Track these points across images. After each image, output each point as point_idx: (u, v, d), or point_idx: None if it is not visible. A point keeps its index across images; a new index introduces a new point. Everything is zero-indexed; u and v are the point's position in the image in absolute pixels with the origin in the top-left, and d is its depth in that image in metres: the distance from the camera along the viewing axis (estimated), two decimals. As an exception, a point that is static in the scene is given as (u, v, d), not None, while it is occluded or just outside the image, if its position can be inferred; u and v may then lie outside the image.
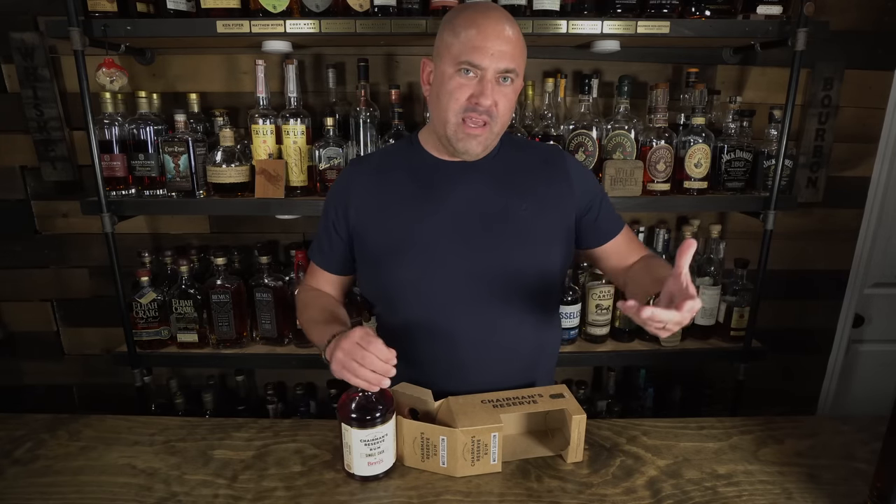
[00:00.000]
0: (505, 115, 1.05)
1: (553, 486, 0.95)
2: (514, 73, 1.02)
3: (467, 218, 1.10)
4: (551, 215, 1.13)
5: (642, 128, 1.66)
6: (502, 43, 0.99)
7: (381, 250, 1.12)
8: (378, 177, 1.15)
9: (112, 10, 1.47)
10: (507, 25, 1.01)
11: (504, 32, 1.00)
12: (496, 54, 0.99)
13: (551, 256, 1.14)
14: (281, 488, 0.95)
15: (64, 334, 2.03)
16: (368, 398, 0.94)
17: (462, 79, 1.01)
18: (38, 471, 1.00)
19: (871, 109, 1.88)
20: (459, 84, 1.01)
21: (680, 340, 1.79)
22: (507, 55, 1.00)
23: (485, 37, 0.99)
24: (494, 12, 1.02)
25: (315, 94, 1.83)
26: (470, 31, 0.99)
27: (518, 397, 1.05)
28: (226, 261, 1.69)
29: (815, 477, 0.99)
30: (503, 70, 1.00)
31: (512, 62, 1.01)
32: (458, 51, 1.00)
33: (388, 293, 1.15)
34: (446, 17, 1.06)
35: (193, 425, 1.13)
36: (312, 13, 1.49)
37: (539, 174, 1.16)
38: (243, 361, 1.76)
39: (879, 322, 2.12)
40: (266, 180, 1.58)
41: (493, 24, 1.00)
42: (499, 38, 0.99)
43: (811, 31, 1.47)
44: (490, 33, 0.99)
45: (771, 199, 1.60)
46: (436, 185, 1.12)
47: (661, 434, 1.11)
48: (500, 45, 0.99)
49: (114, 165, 1.61)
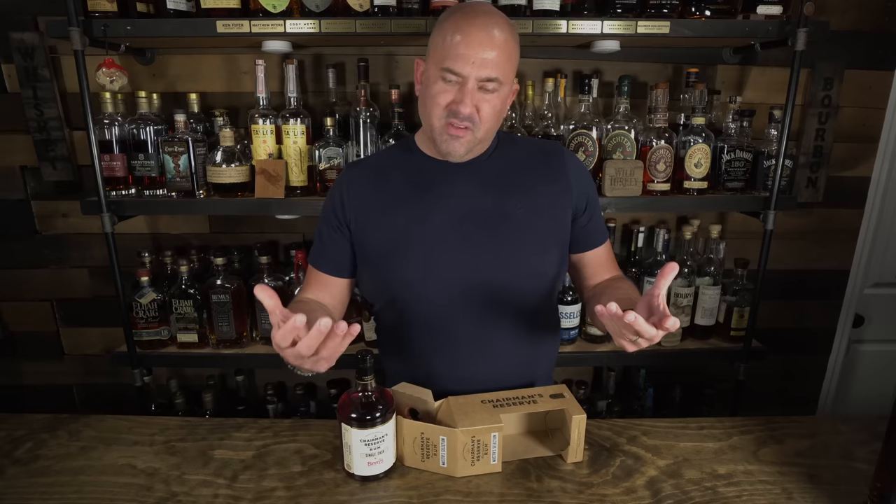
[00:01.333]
0: (490, 121, 1.04)
1: (553, 486, 0.95)
2: (497, 81, 1.00)
3: (465, 217, 1.10)
4: (548, 213, 1.13)
5: (642, 128, 1.66)
6: (486, 51, 0.97)
7: (380, 251, 1.12)
8: (375, 179, 1.15)
9: (112, 10, 1.47)
10: (495, 30, 0.99)
11: (490, 39, 0.98)
12: (478, 62, 0.98)
13: (549, 254, 1.14)
14: (281, 488, 0.95)
15: (64, 334, 2.03)
16: (369, 398, 0.94)
17: (444, 84, 1.01)
18: (38, 471, 1.00)
19: (871, 109, 1.88)
20: (442, 89, 1.01)
21: (680, 340, 1.79)
22: (489, 63, 0.98)
23: (468, 44, 0.97)
24: (483, 18, 0.99)
25: (315, 94, 1.83)
26: (455, 36, 0.98)
27: (518, 397, 1.05)
28: (225, 261, 1.69)
29: (815, 477, 0.99)
30: (484, 79, 0.99)
31: (495, 70, 0.99)
32: (442, 56, 0.99)
33: (388, 293, 1.15)
34: (441, 16, 1.05)
35: (193, 425, 1.13)
36: (312, 13, 1.49)
37: (537, 171, 1.15)
38: (243, 361, 1.76)
39: (879, 322, 2.12)
40: (266, 180, 1.58)
41: (477, 31, 0.98)
42: (482, 45, 0.97)
43: (811, 31, 1.47)
44: (473, 41, 0.97)
45: (771, 199, 1.60)
46: (433, 185, 1.12)
47: (661, 434, 1.11)
48: (484, 52, 0.97)
49: (114, 165, 1.61)
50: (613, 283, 1.17)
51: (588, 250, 1.20)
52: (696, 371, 2.03)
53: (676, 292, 1.75)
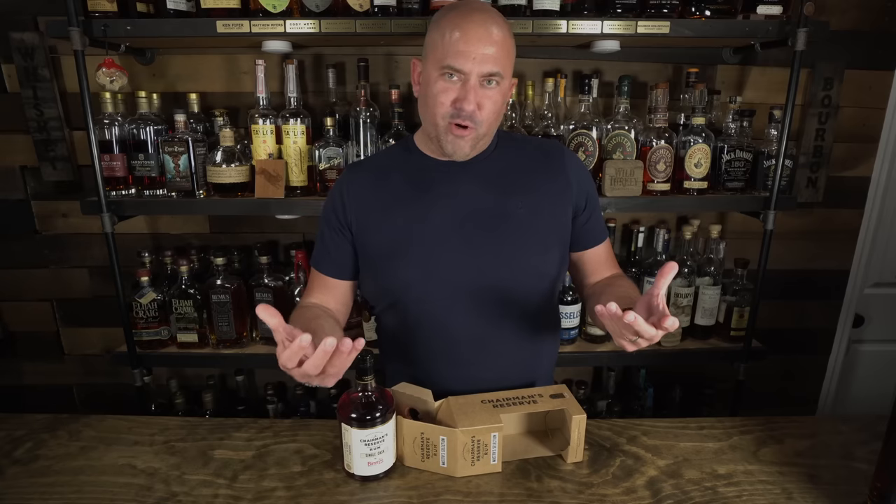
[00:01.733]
0: (491, 117, 1.04)
1: (553, 486, 0.95)
2: (499, 75, 1.01)
3: (466, 217, 1.10)
4: (549, 212, 1.13)
5: (642, 128, 1.66)
6: (486, 46, 0.98)
7: (381, 251, 1.11)
8: (375, 180, 1.15)
9: (112, 10, 1.47)
10: (493, 27, 0.99)
11: (489, 35, 0.98)
12: (479, 58, 0.98)
13: (550, 254, 1.14)
14: (281, 488, 0.95)
15: (64, 334, 2.03)
16: (369, 398, 0.94)
17: (446, 83, 1.01)
18: (38, 471, 1.00)
19: (871, 109, 1.88)
20: (443, 88, 1.01)
21: (680, 340, 1.79)
22: (490, 59, 0.98)
23: (467, 41, 0.97)
24: (479, 14, 1.00)
25: (315, 94, 1.83)
26: (454, 33, 0.98)
27: (518, 397, 1.05)
28: (225, 261, 1.69)
29: (815, 477, 0.99)
30: (486, 74, 0.99)
31: (496, 65, 0.99)
32: (442, 54, 0.99)
33: (389, 293, 1.15)
34: (435, 16, 1.05)
35: (193, 425, 1.13)
36: (312, 13, 1.49)
37: (537, 170, 1.15)
38: (243, 361, 1.76)
39: (879, 322, 2.12)
40: (266, 180, 1.58)
41: (476, 27, 0.98)
42: (481, 41, 0.98)
43: (811, 31, 1.47)
44: (472, 37, 0.98)
45: (771, 199, 1.60)
46: (433, 185, 1.11)
47: (661, 434, 1.11)
48: (484, 48, 0.98)
49: (114, 165, 1.61)
50: (613, 282, 1.16)
51: (588, 248, 1.20)
52: (696, 371, 2.03)
53: (676, 292, 1.75)
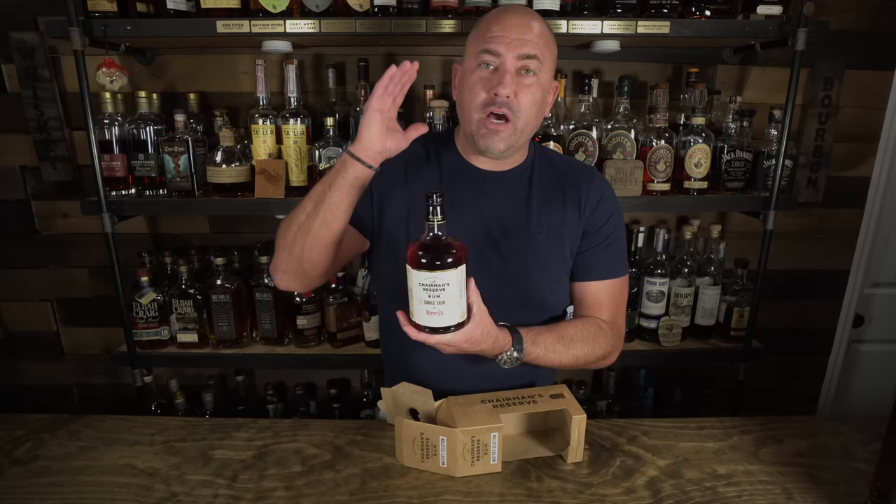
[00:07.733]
0: (528, 110, 1.02)
1: (553, 486, 0.95)
2: (536, 59, 1.00)
3: (483, 231, 1.09)
4: (563, 242, 1.12)
5: (642, 128, 1.66)
6: (523, 32, 0.99)
7: (398, 235, 1.10)
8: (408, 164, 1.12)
9: (112, 10, 1.47)
10: (532, 21, 1.02)
11: (528, 24, 1.00)
12: (514, 42, 0.99)
13: (560, 284, 1.14)
14: (281, 488, 0.95)
15: (64, 334, 2.03)
16: (436, 239, 0.87)
17: (482, 72, 1.01)
18: (38, 471, 1.00)
19: (871, 109, 1.88)
20: (480, 78, 1.01)
21: (680, 340, 1.79)
22: (527, 43, 0.99)
23: (504, 27, 0.99)
24: (519, 9, 1.04)
25: (315, 94, 1.83)
26: (492, 25, 1.01)
27: (518, 397, 1.05)
28: (225, 261, 1.69)
29: (815, 477, 0.99)
30: (523, 55, 0.99)
31: (534, 48, 0.99)
32: (479, 45, 1.01)
33: (397, 287, 1.14)
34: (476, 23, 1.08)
35: (193, 425, 1.13)
36: (312, 13, 1.49)
37: (565, 196, 1.13)
38: (243, 361, 1.76)
39: (879, 322, 2.12)
40: (266, 180, 1.58)
41: (514, 17, 1.01)
42: (518, 27, 0.99)
43: (811, 31, 1.47)
44: (509, 24, 1.00)
45: (771, 199, 1.60)
46: (460, 189, 1.10)
47: (661, 434, 1.11)
48: (521, 34, 0.99)
49: (114, 165, 1.61)
50: (575, 323, 1.12)
51: (582, 281, 1.15)
52: (696, 371, 2.03)
53: (677, 292, 1.75)
